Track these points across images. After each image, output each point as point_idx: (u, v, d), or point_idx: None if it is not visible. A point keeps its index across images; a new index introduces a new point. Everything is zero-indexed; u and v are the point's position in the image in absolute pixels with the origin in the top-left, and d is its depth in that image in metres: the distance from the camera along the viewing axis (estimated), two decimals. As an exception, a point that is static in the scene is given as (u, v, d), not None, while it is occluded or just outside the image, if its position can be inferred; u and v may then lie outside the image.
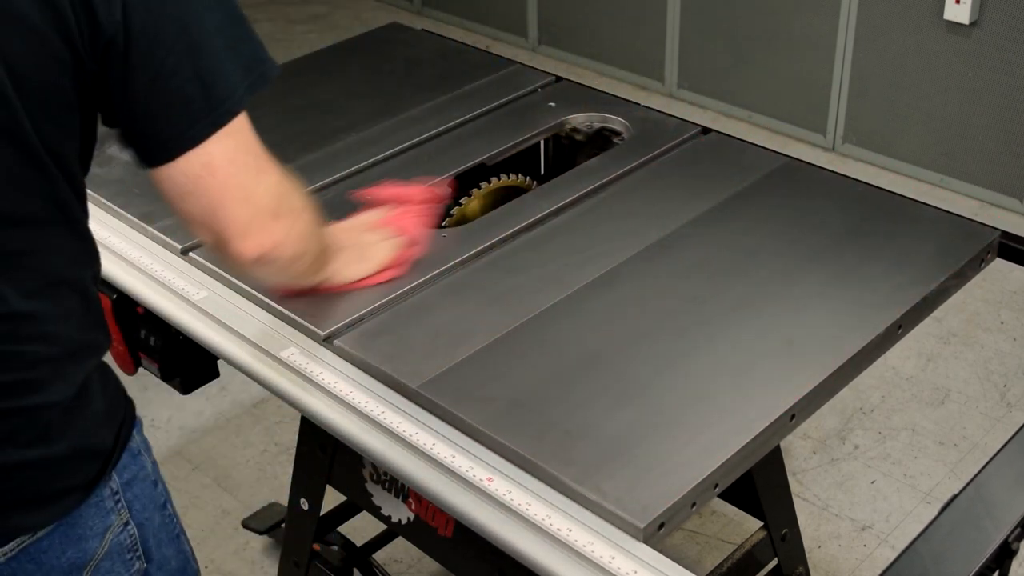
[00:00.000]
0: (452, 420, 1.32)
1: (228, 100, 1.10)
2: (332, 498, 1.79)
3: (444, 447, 1.29)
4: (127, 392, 1.27)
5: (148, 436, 1.30)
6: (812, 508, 2.59)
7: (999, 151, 3.64)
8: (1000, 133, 3.61)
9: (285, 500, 1.91)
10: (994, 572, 1.26)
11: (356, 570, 2.05)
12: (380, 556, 2.22)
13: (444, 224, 1.75)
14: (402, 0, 5.45)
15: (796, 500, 1.94)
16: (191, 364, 1.69)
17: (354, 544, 2.07)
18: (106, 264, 1.23)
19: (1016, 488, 1.33)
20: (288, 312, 1.49)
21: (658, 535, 1.18)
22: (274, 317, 1.51)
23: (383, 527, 1.96)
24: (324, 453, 1.68)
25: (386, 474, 1.58)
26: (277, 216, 1.20)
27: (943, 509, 1.29)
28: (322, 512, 1.82)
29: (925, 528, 1.26)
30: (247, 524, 2.54)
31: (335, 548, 2.02)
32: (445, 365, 1.39)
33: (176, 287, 1.58)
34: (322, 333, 1.45)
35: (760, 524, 1.77)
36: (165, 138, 1.10)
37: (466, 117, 1.99)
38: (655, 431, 1.29)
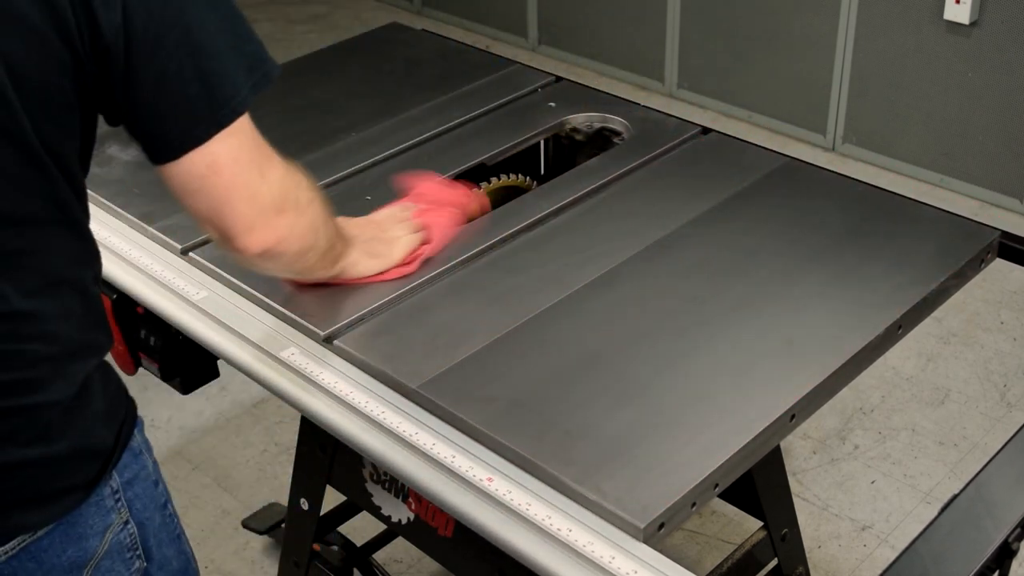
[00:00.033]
0: (452, 420, 1.32)
1: (231, 100, 1.11)
2: (332, 498, 1.79)
3: (444, 447, 1.29)
4: (128, 392, 1.27)
5: (148, 436, 1.30)
6: (812, 508, 2.59)
7: (999, 151, 3.63)
8: (1000, 133, 3.61)
9: (285, 500, 1.91)
10: (994, 572, 1.26)
11: (356, 570, 2.05)
12: (380, 556, 2.22)
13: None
14: (402, 0, 5.45)
15: (796, 500, 1.94)
16: (191, 364, 1.69)
17: (354, 544, 2.07)
18: (106, 264, 1.23)
19: (1016, 488, 1.33)
20: (288, 312, 1.49)
21: (658, 535, 1.18)
22: (274, 317, 1.51)
23: (383, 527, 1.96)
24: (324, 453, 1.68)
25: (386, 474, 1.58)
26: (281, 211, 1.21)
27: (943, 509, 1.29)
28: (322, 512, 1.82)
29: (925, 528, 1.26)
30: (247, 524, 2.54)
31: (335, 548, 2.02)
32: (445, 365, 1.39)
33: (176, 287, 1.58)
34: (322, 333, 1.45)
35: (760, 524, 1.77)
36: (170, 138, 1.11)
37: (466, 117, 1.98)
38: (655, 431, 1.29)
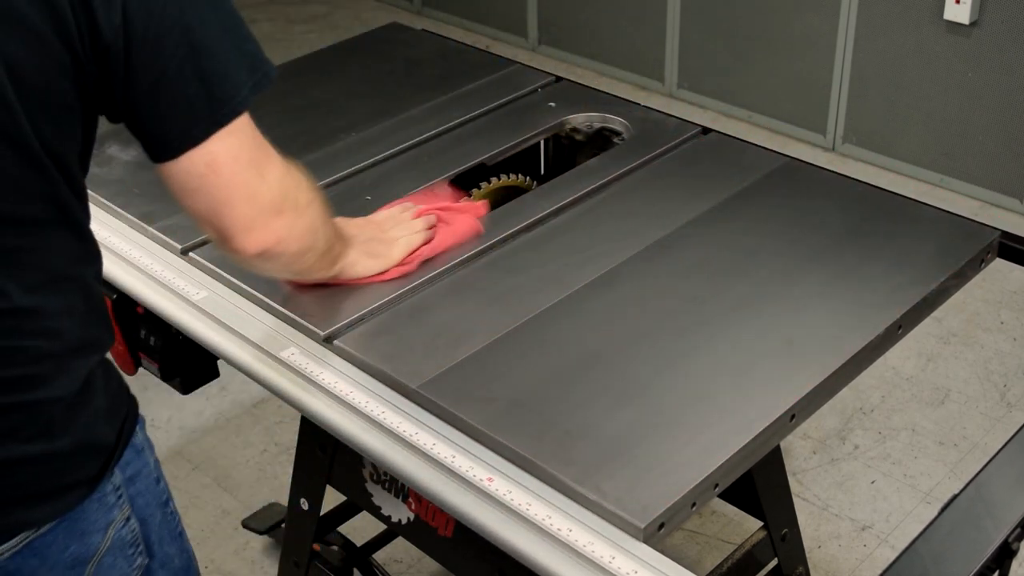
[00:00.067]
0: (452, 420, 1.32)
1: (231, 100, 1.11)
2: (332, 498, 1.79)
3: (444, 447, 1.29)
4: (130, 390, 1.27)
5: (148, 436, 1.30)
6: (812, 508, 2.59)
7: (999, 151, 3.63)
8: (1000, 133, 3.61)
9: (285, 500, 1.91)
10: (994, 572, 1.26)
11: (356, 570, 2.05)
12: (380, 556, 2.22)
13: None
14: (402, 0, 5.45)
15: (796, 500, 1.94)
16: (191, 364, 1.69)
17: (354, 544, 2.07)
18: (106, 264, 1.23)
19: (1016, 488, 1.33)
20: (288, 312, 1.49)
21: (658, 535, 1.18)
22: (274, 317, 1.51)
23: (383, 527, 1.96)
24: (324, 453, 1.68)
25: (386, 474, 1.58)
26: (280, 212, 1.21)
27: (943, 509, 1.29)
28: (322, 512, 1.82)
29: (925, 528, 1.26)
30: (247, 524, 2.54)
31: (335, 548, 2.02)
32: (445, 365, 1.39)
33: (176, 287, 1.58)
34: (322, 333, 1.45)
35: (760, 524, 1.77)
36: (169, 137, 1.11)
37: (466, 117, 1.98)
38: (655, 431, 1.29)
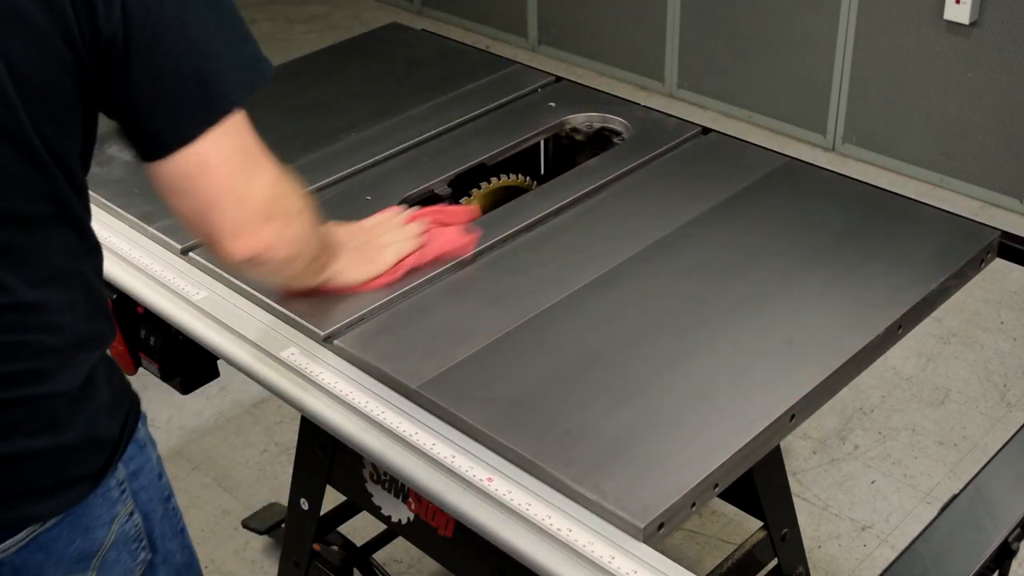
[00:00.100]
0: (452, 420, 1.32)
1: (224, 99, 1.10)
2: (332, 498, 1.79)
3: (444, 447, 1.29)
4: (131, 386, 1.28)
5: (148, 435, 1.30)
6: (812, 508, 2.59)
7: (999, 151, 3.63)
8: (1000, 133, 3.61)
9: (285, 500, 1.91)
10: (994, 572, 1.26)
11: (356, 570, 2.05)
12: (380, 556, 2.22)
13: (444, 224, 1.75)
14: (402, 0, 5.45)
15: (796, 500, 1.94)
16: (191, 364, 1.69)
17: (354, 544, 2.07)
18: (106, 264, 1.23)
19: (1016, 488, 1.33)
20: (288, 312, 1.49)
21: (658, 535, 1.18)
22: (274, 317, 1.51)
23: (383, 527, 1.96)
24: (324, 453, 1.68)
25: (386, 474, 1.58)
26: (270, 219, 1.19)
27: (943, 509, 1.29)
28: (322, 512, 1.82)
29: (925, 528, 1.26)
30: (247, 524, 2.54)
31: (335, 548, 2.02)
32: (445, 365, 1.39)
33: (176, 287, 1.58)
34: (322, 333, 1.45)
35: (760, 524, 1.77)
36: (161, 135, 1.10)
37: (466, 117, 1.98)
38: (655, 431, 1.29)
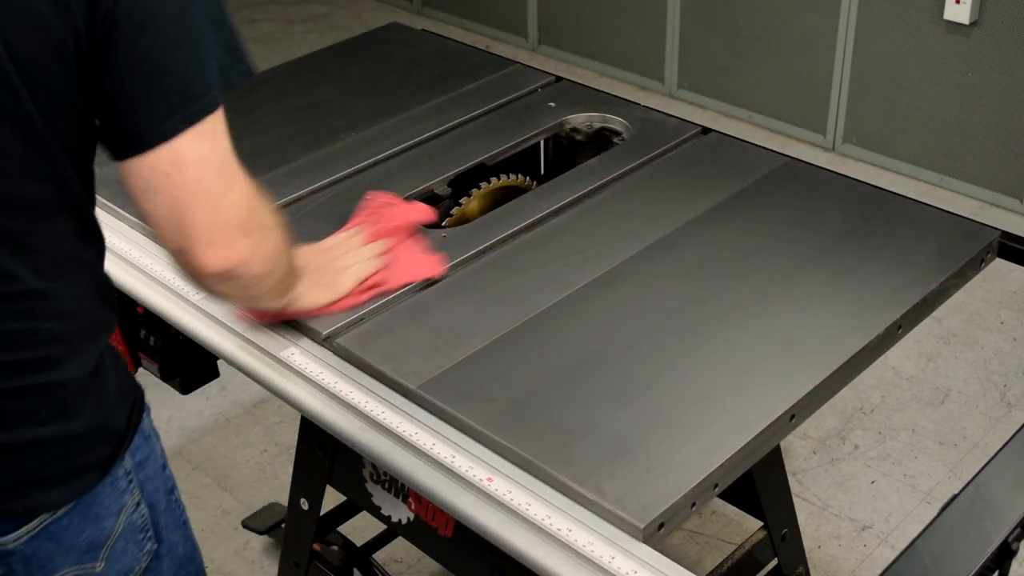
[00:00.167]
0: (452, 420, 1.32)
1: (204, 98, 1.08)
2: (332, 498, 1.79)
3: (444, 447, 1.29)
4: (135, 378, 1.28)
5: (148, 435, 1.31)
6: (812, 508, 2.59)
7: (999, 151, 3.63)
8: (1000, 133, 3.61)
9: (285, 500, 1.91)
10: (994, 572, 1.26)
11: (356, 570, 2.04)
12: (380, 556, 2.22)
13: (444, 224, 1.75)
14: (402, 0, 5.45)
15: (796, 500, 1.94)
16: (191, 364, 1.69)
17: (354, 544, 2.07)
18: (106, 264, 1.23)
19: (1016, 488, 1.33)
20: (288, 312, 1.49)
21: (658, 535, 1.18)
22: (274, 317, 1.51)
23: (383, 527, 1.96)
24: (324, 453, 1.68)
25: (386, 474, 1.58)
26: (247, 232, 1.15)
27: (943, 509, 1.29)
28: (322, 512, 1.82)
29: (925, 528, 1.26)
30: (247, 524, 2.54)
31: (335, 548, 2.02)
32: (445, 365, 1.39)
33: (176, 287, 1.58)
34: (322, 333, 1.45)
35: (760, 524, 1.77)
36: (138, 130, 1.07)
37: (466, 117, 1.98)
38: (655, 431, 1.29)
